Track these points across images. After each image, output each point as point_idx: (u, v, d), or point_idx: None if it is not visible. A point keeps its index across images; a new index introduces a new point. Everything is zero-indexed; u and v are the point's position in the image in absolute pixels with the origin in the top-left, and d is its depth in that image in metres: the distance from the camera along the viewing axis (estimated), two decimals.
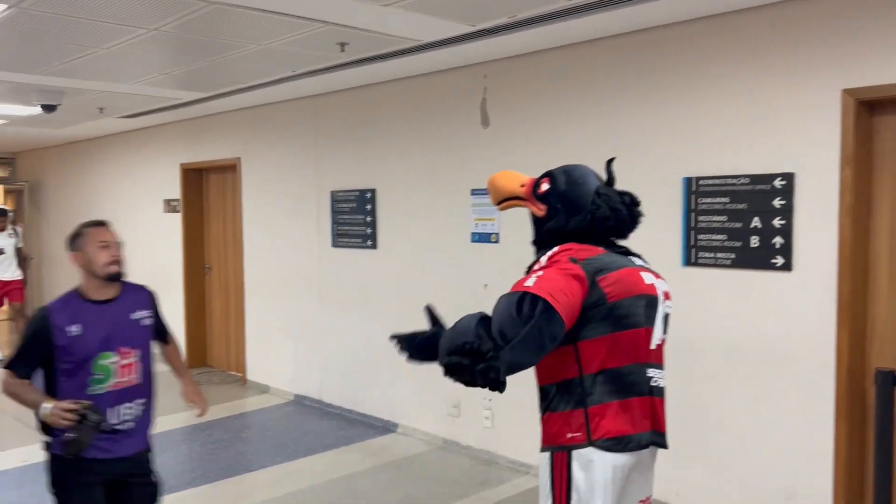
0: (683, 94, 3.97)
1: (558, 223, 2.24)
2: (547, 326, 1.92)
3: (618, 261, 2.13)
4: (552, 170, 2.33)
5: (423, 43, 4.35)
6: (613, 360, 2.06)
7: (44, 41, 4.24)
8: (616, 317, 2.05)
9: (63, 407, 2.51)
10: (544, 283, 1.97)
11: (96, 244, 2.73)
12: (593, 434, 2.03)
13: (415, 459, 5.04)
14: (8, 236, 8.49)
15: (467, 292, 5.08)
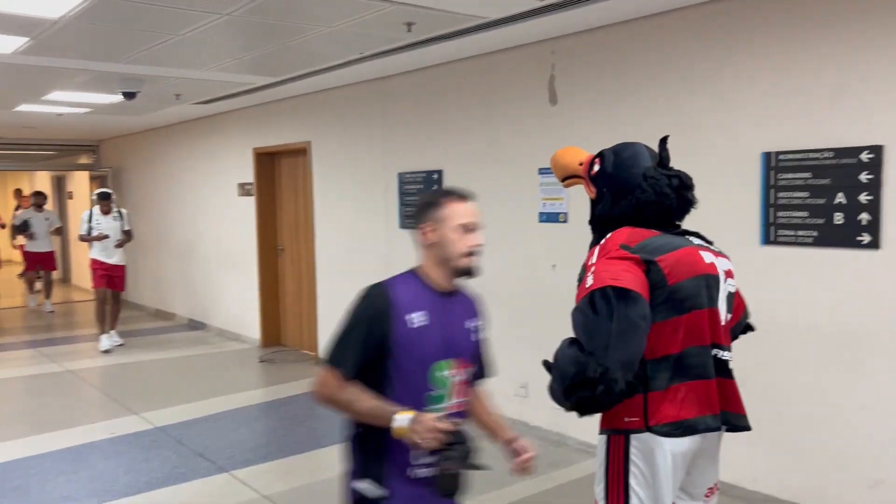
0: (761, 64, 3.80)
1: (604, 208, 2.17)
2: (630, 308, 1.86)
3: (673, 241, 2.04)
4: (605, 150, 2.24)
5: (490, 20, 4.30)
6: (675, 344, 1.99)
7: (123, 29, 4.40)
8: (677, 299, 1.97)
9: (434, 423, 1.84)
10: (603, 274, 1.93)
11: (458, 225, 2.06)
12: (651, 419, 1.97)
13: (483, 439, 5.05)
14: (112, 219, 8.20)
15: (536, 273, 5.05)
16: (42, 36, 4.46)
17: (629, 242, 2.01)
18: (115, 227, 8.17)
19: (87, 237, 8.09)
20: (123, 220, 8.29)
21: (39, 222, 10.81)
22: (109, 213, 8.17)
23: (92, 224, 8.08)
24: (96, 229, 8.07)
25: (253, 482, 4.39)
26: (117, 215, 8.23)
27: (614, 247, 2.01)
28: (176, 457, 4.82)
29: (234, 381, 6.82)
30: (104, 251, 8.11)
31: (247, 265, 8.40)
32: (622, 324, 1.85)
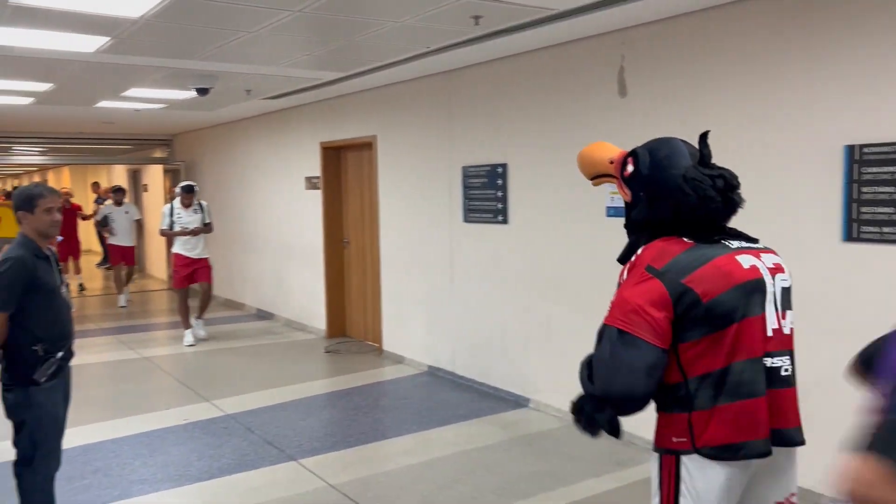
0: (843, 54, 3.63)
1: (640, 213, 2.03)
2: (628, 353, 1.86)
3: (705, 254, 1.90)
4: (638, 148, 2.07)
5: (559, 11, 4.24)
6: (718, 361, 1.88)
7: (199, 27, 4.52)
8: (715, 316, 1.86)
9: None
10: (616, 310, 1.92)
11: None
12: (697, 441, 1.89)
13: (547, 435, 5.03)
14: (193, 212, 8.03)
15: (602, 268, 4.96)
16: (123, 35, 4.63)
17: (656, 263, 1.91)
18: (196, 220, 8.05)
19: (168, 231, 8.01)
20: (204, 212, 8.15)
21: (120, 217, 10.92)
22: (191, 206, 8.05)
23: (174, 218, 7.98)
24: (178, 223, 7.98)
25: (320, 471, 4.47)
26: (198, 208, 8.10)
27: (641, 268, 1.93)
28: (246, 444, 4.95)
29: (300, 370, 6.96)
30: (186, 245, 8.01)
31: (313, 257, 8.55)
32: (614, 365, 1.89)
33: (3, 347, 3.27)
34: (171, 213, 8.00)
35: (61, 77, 6.18)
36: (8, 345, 3.25)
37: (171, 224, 7.97)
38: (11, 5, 3.89)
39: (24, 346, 3.26)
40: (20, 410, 3.30)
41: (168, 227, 7.97)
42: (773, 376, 1.92)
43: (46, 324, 3.33)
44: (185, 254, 8.02)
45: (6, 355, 3.28)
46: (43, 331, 3.30)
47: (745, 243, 2.01)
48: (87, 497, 4.13)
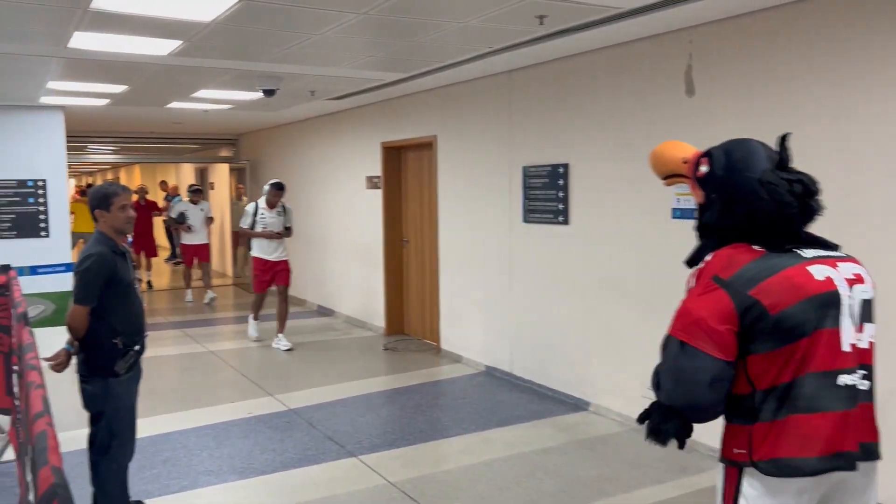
0: None
1: (712, 217, 1.96)
2: (690, 365, 1.85)
3: (776, 264, 1.83)
4: (713, 148, 2.00)
5: (625, 10, 4.18)
6: (786, 374, 1.82)
7: (267, 30, 4.62)
8: (783, 329, 1.79)
9: None
10: (678, 321, 1.91)
11: None
12: (754, 454, 1.84)
13: (608, 440, 4.96)
14: (277, 214, 7.73)
15: (667, 271, 4.87)
16: (194, 38, 4.77)
17: (723, 273, 1.85)
18: (278, 223, 7.73)
19: (247, 231, 7.74)
20: (287, 215, 7.85)
21: (195, 214, 10.94)
22: (276, 206, 7.72)
23: (256, 218, 7.67)
24: (260, 223, 7.66)
25: (380, 468, 4.52)
26: (281, 210, 7.78)
27: (707, 278, 1.88)
28: (308, 439, 5.05)
29: (359, 367, 7.06)
30: (266, 248, 7.72)
31: (373, 255, 8.65)
32: (674, 376, 1.89)
33: (83, 341, 3.42)
34: (255, 212, 7.71)
35: (136, 79, 6.40)
36: (88, 338, 3.40)
37: (253, 224, 7.69)
38: (91, 11, 4.06)
39: (105, 340, 3.40)
40: (99, 401, 3.44)
41: (249, 226, 7.71)
42: (850, 392, 1.85)
43: (124, 318, 3.47)
44: (264, 257, 7.77)
45: (85, 348, 3.43)
46: (121, 324, 3.45)
47: (821, 252, 1.91)
48: (157, 486, 4.28)
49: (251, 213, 7.73)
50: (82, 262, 3.38)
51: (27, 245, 7.68)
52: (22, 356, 2.78)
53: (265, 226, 7.66)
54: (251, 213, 7.73)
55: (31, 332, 3.01)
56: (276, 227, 7.71)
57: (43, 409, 1.82)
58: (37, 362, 2.46)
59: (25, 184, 7.70)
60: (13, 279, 4.61)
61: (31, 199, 7.74)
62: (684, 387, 1.87)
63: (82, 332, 3.39)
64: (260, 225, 7.67)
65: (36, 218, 7.77)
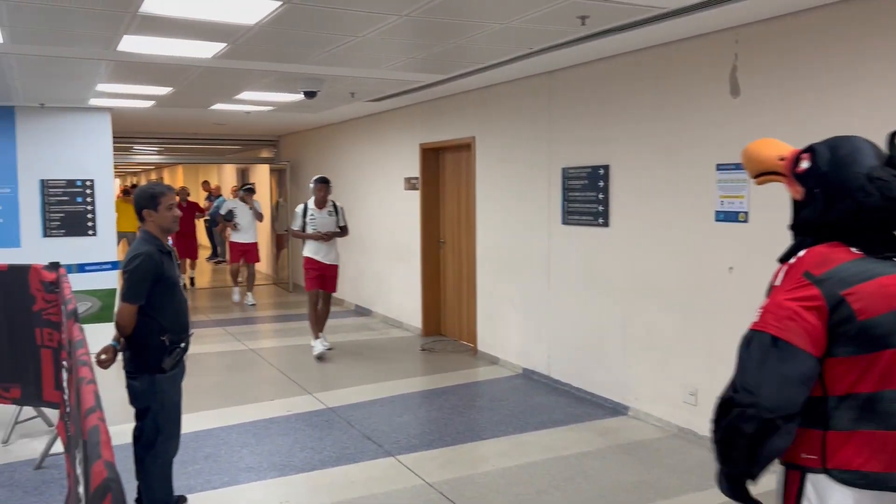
0: None
1: (815, 212, 1.91)
2: (787, 364, 1.73)
3: (872, 268, 1.79)
4: (816, 144, 1.97)
5: (669, 10, 4.13)
6: (866, 384, 1.77)
7: (309, 33, 4.67)
8: (868, 337, 1.74)
9: None
10: (768, 316, 1.80)
11: None
12: (828, 461, 1.79)
13: (647, 445, 4.90)
14: (327, 214, 7.39)
15: (710, 275, 4.80)
16: (238, 41, 4.84)
17: (815, 270, 1.80)
18: (330, 223, 7.39)
19: (298, 233, 7.45)
20: (339, 215, 7.48)
21: (244, 213, 10.73)
22: (325, 205, 7.39)
23: (306, 219, 7.35)
24: (311, 225, 7.35)
25: (417, 468, 4.53)
26: (332, 209, 7.43)
27: (798, 273, 1.82)
28: (346, 437, 5.08)
29: (396, 367, 7.08)
30: (319, 250, 7.37)
31: (410, 256, 8.68)
32: (768, 375, 1.75)
33: (130, 338, 3.50)
34: (305, 212, 7.39)
35: (180, 81, 6.53)
36: (135, 335, 3.47)
37: (304, 225, 7.38)
38: (140, 15, 4.15)
39: (152, 337, 3.48)
40: (146, 397, 3.52)
41: (300, 228, 7.41)
42: None
43: (171, 316, 3.54)
44: (317, 258, 7.40)
45: (133, 345, 3.50)
46: (168, 322, 3.52)
47: None
48: (199, 481, 4.35)
49: (300, 214, 7.43)
50: (131, 262, 3.45)
51: (75, 243, 7.88)
52: (73, 352, 2.85)
53: (315, 227, 7.34)
54: (300, 215, 7.42)
55: (82, 329, 3.08)
56: (327, 228, 7.38)
57: (95, 405, 1.86)
58: (88, 358, 2.51)
59: (74, 183, 7.92)
60: (63, 276, 4.73)
61: (80, 198, 7.95)
62: (773, 386, 1.74)
63: (130, 329, 3.46)
64: (310, 227, 7.35)
65: (84, 217, 7.97)
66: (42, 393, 4.91)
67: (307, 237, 7.41)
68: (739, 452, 1.79)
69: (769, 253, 4.62)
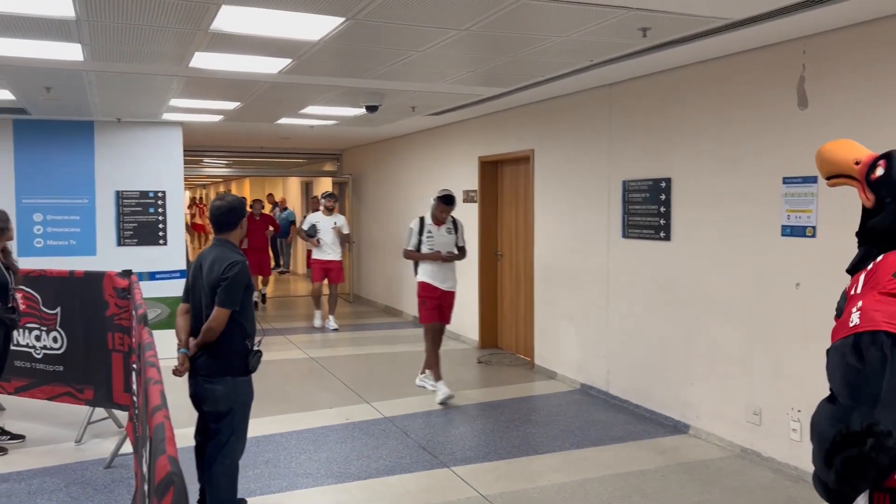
0: None
1: (884, 221, 1.85)
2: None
3: None
4: (894, 150, 1.91)
5: (733, 21, 4.06)
6: None
7: (372, 48, 4.77)
8: None
9: None
10: (874, 314, 1.64)
11: None
12: None
13: (709, 465, 4.77)
14: (447, 232, 6.35)
15: (775, 291, 4.66)
16: (303, 57, 4.98)
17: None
18: (449, 243, 6.31)
19: (414, 254, 6.36)
20: (458, 233, 6.42)
21: (327, 228, 9.83)
22: (444, 223, 6.33)
23: (422, 237, 6.30)
24: (427, 244, 6.29)
25: (472, 480, 4.53)
26: (451, 227, 6.36)
27: (886, 275, 1.72)
28: (402, 447, 5.12)
29: (453, 379, 7.08)
30: (436, 274, 6.33)
31: (468, 268, 8.69)
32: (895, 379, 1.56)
33: (215, 343, 3.60)
34: (421, 230, 6.33)
35: (248, 96, 6.75)
36: (221, 340, 3.60)
37: (419, 245, 6.35)
38: (211, 32, 4.32)
39: (239, 341, 3.64)
40: (229, 399, 3.65)
41: (414, 247, 6.34)
42: None
43: (251, 321, 3.71)
44: (435, 284, 6.35)
45: (217, 350, 3.61)
46: (250, 326, 3.69)
47: None
48: (259, 485, 4.45)
49: (415, 231, 6.37)
50: (229, 269, 3.58)
51: (147, 252, 8.21)
52: (142, 354, 2.98)
53: (432, 247, 6.32)
54: (415, 233, 6.37)
55: (150, 333, 3.22)
56: (446, 248, 6.36)
57: (161, 403, 1.94)
58: (156, 360, 2.62)
59: (147, 195, 8.25)
60: (134, 283, 4.93)
61: (152, 209, 8.28)
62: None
63: (219, 334, 3.59)
64: (427, 246, 6.33)
65: (155, 227, 8.30)
66: (112, 395, 5.12)
67: (423, 258, 6.38)
68: (868, 482, 1.60)
69: (838, 269, 4.46)
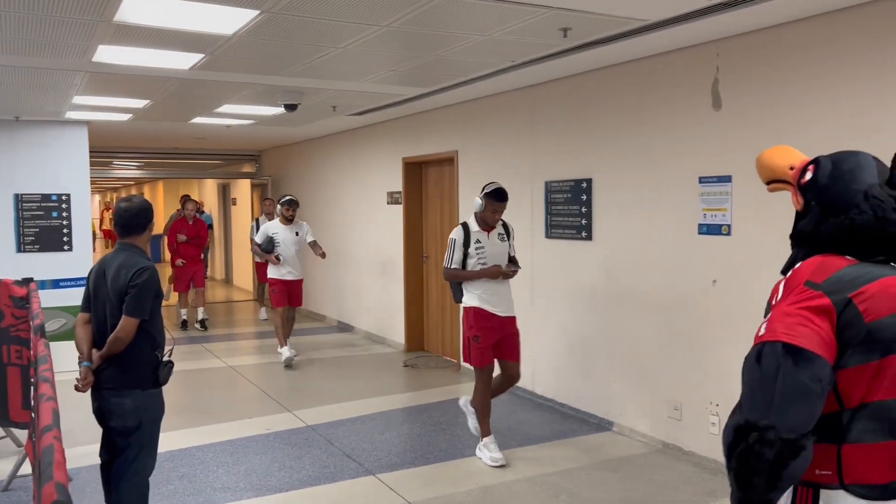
0: None
1: (808, 225, 1.88)
2: (802, 370, 1.63)
3: (871, 272, 1.74)
4: (822, 156, 1.93)
5: (651, 22, 4.11)
6: (880, 392, 1.71)
7: (289, 43, 4.61)
8: (875, 340, 1.69)
9: None
10: (776, 325, 1.70)
11: None
12: (846, 477, 1.72)
13: (632, 461, 4.83)
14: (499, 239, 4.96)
15: (693, 289, 4.76)
16: (217, 52, 4.77)
17: (815, 277, 1.74)
18: (502, 253, 4.92)
19: (461, 273, 4.87)
20: (510, 238, 5.04)
21: (288, 240, 7.78)
22: (493, 228, 4.94)
23: (470, 250, 4.86)
24: (478, 256, 4.85)
25: (398, 487, 4.43)
26: (503, 233, 4.99)
27: (799, 283, 1.76)
28: (326, 456, 4.97)
29: (379, 384, 6.97)
30: (494, 294, 4.86)
31: (393, 271, 8.60)
32: (788, 386, 1.63)
33: (121, 354, 3.35)
34: (467, 240, 4.88)
35: (158, 94, 6.44)
36: (129, 351, 3.35)
37: (464, 259, 4.88)
38: (115, 24, 4.07)
39: (147, 352, 3.39)
40: (138, 413, 3.40)
41: (459, 264, 4.88)
42: None
43: (160, 330, 3.47)
44: (495, 311, 4.88)
45: (123, 361, 3.36)
46: (160, 336, 3.45)
47: None
48: (173, 502, 4.22)
49: (459, 242, 4.90)
50: (138, 275, 3.34)
51: (50, 259, 7.73)
52: (37, 368, 2.75)
53: (485, 260, 4.84)
54: (460, 244, 4.90)
55: (47, 345, 2.98)
56: (500, 260, 4.91)
57: (52, 423, 1.77)
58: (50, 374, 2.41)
59: (49, 198, 7.77)
60: (33, 291, 4.60)
61: (55, 213, 7.80)
62: (795, 401, 1.62)
63: (126, 344, 3.34)
64: (475, 259, 4.85)
65: (59, 232, 7.82)
66: (9, 412, 4.76)
67: (475, 276, 4.84)
68: (760, 479, 1.65)
69: (752, 266, 4.58)
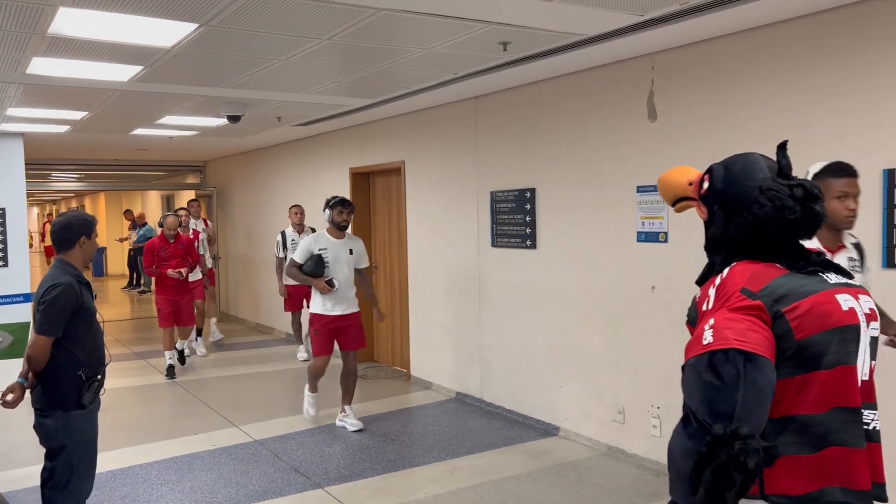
0: (881, 74, 3.55)
1: (717, 231, 1.91)
2: (759, 375, 1.64)
3: (805, 285, 1.75)
4: (714, 164, 1.99)
5: (587, 37, 4.23)
6: (803, 406, 1.73)
7: (230, 56, 4.58)
8: (805, 356, 1.71)
9: None
10: (725, 332, 1.69)
11: None
12: (768, 487, 1.73)
13: (577, 465, 4.92)
14: None
15: (633, 295, 4.89)
16: (156, 64, 4.71)
17: (751, 286, 1.76)
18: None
19: None
20: None
21: (341, 259, 6.12)
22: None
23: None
24: None
25: (347, 499, 4.42)
26: None
27: (735, 291, 1.77)
28: (273, 470, 4.92)
29: (327, 396, 6.92)
30: None
31: None
32: (750, 393, 1.62)
33: (42, 373, 3.28)
34: None
35: (96, 105, 6.30)
36: (49, 370, 3.27)
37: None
38: (49, 36, 3.99)
39: (68, 371, 3.29)
40: (60, 435, 3.31)
41: None
42: (865, 431, 1.77)
43: (88, 348, 3.37)
44: None
45: (45, 380, 3.29)
46: (85, 355, 3.35)
47: (842, 279, 1.85)
48: None
49: None
50: (48, 292, 3.26)
51: None
52: None
53: None
54: None
55: None
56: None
57: None
58: None
59: None
60: None
61: None
62: (753, 407, 1.62)
63: (43, 363, 3.26)
64: None
65: None
66: None
67: None
68: (731, 493, 1.59)
69: (688, 272, 4.70)
